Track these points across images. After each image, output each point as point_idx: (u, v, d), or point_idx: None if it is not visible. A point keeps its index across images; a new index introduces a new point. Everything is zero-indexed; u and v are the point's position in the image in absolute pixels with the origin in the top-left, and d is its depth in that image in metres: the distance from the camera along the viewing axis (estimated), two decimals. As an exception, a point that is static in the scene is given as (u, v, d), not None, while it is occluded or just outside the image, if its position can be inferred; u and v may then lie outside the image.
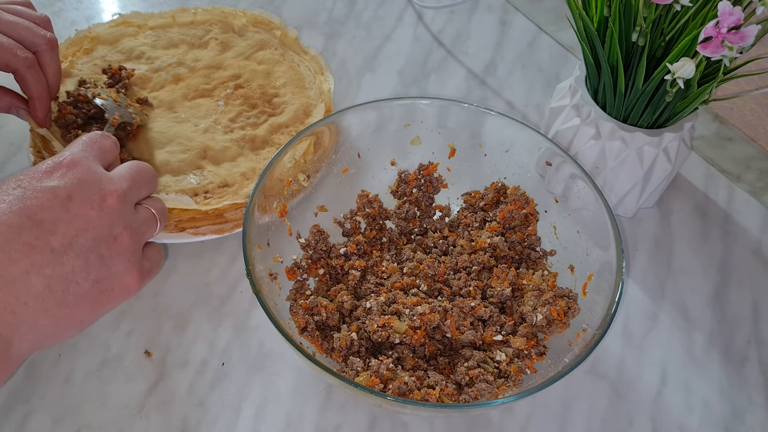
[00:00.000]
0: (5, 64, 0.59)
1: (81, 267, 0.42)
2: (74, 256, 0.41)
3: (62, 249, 0.41)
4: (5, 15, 0.60)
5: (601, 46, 0.60)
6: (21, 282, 0.40)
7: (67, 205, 0.42)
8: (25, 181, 0.42)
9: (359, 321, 0.57)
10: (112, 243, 0.43)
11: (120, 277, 0.44)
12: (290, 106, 0.74)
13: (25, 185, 0.42)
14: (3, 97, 0.64)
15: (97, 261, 0.43)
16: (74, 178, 0.43)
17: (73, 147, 0.46)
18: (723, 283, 0.68)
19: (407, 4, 0.91)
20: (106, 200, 0.43)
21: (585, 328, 0.53)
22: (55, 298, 0.41)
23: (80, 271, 0.42)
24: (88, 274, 0.42)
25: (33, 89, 0.62)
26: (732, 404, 0.60)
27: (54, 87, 0.64)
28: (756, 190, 0.75)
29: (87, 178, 0.43)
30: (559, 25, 0.89)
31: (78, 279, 0.42)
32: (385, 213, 0.65)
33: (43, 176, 0.42)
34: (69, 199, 0.42)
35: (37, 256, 0.40)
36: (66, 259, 0.41)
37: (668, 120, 0.64)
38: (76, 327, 0.43)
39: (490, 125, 0.63)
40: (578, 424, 0.58)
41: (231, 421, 0.56)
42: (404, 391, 0.51)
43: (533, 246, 0.63)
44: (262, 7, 0.88)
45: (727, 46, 0.50)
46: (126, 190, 0.45)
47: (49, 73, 0.63)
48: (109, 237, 0.43)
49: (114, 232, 0.43)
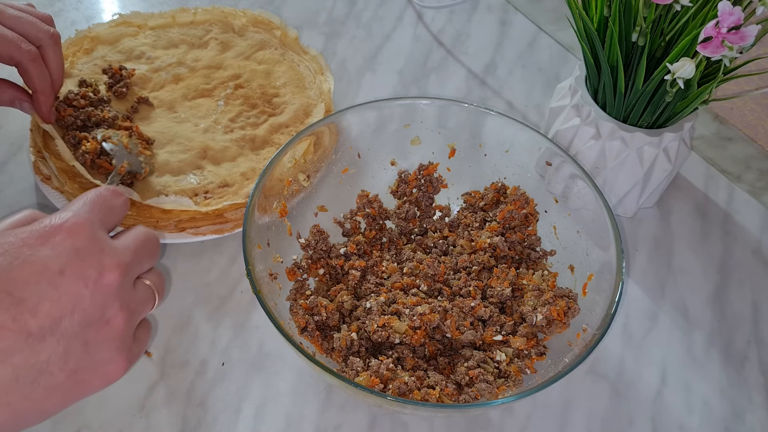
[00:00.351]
0: (9, 57, 0.59)
1: (59, 355, 0.35)
2: (54, 343, 0.35)
3: (41, 334, 0.35)
4: (9, 10, 0.61)
5: (601, 46, 0.60)
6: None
7: (57, 281, 0.35)
8: (15, 246, 0.35)
9: (359, 321, 0.57)
10: (103, 327, 0.37)
11: (103, 366, 0.38)
12: (290, 106, 0.74)
13: (14, 252, 0.35)
14: (7, 90, 0.64)
15: (80, 348, 0.36)
16: (71, 248, 0.36)
17: (79, 205, 0.39)
18: (723, 283, 0.68)
19: (407, 4, 0.91)
20: (104, 276, 0.37)
21: (585, 328, 0.53)
22: (21, 391, 0.35)
23: (57, 360, 0.35)
24: (65, 364, 0.36)
25: (37, 83, 0.62)
26: (732, 404, 0.60)
27: (57, 81, 0.64)
28: (756, 190, 0.75)
29: (87, 248, 0.37)
30: (559, 25, 0.89)
31: (52, 369, 0.36)
32: (385, 213, 0.65)
33: (36, 242, 0.36)
34: (61, 274, 0.35)
35: (9, 341, 0.34)
36: (43, 346, 0.35)
37: (668, 120, 0.64)
38: (39, 418, 0.37)
39: (490, 125, 0.63)
40: (578, 424, 0.58)
41: (231, 421, 0.56)
42: (404, 391, 0.51)
43: (533, 246, 0.63)
44: (262, 7, 0.88)
45: (727, 46, 0.51)
46: (128, 264, 0.39)
47: (52, 68, 0.63)
48: (101, 320, 0.37)
49: (106, 315, 0.37)
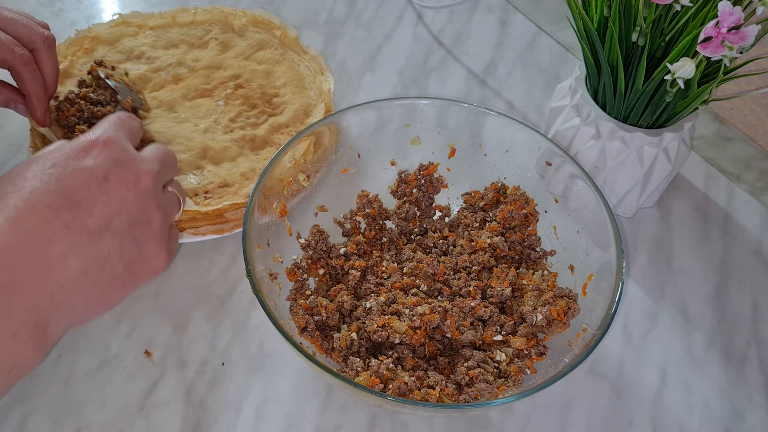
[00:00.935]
0: (1, 60, 0.59)
1: (116, 249, 0.41)
2: (110, 238, 0.41)
3: (99, 231, 0.40)
4: (4, 11, 0.60)
5: (601, 46, 0.60)
6: (59, 264, 0.39)
7: (104, 185, 0.41)
8: (61, 159, 0.41)
9: (359, 321, 0.57)
10: (146, 224, 0.43)
11: (150, 259, 0.44)
12: (290, 106, 0.74)
13: (62, 164, 0.41)
14: (1, 91, 0.64)
15: (131, 243, 0.42)
16: (110, 158, 0.42)
17: (106, 125, 0.44)
18: (723, 283, 0.68)
19: (407, 4, 0.91)
20: (141, 181, 0.42)
21: (585, 328, 0.53)
22: (91, 280, 0.41)
23: (115, 253, 0.41)
24: (122, 256, 0.42)
25: (30, 87, 0.62)
26: (732, 404, 0.60)
27: (51, 85, 0.64)
28: (756, 190, 0.75)
29: (122, 158, 0.42)
30: (559, 25, 0.89)
31: (113, 261, 0.41)
32: (385, 213, 0.65)
33: (79, 155, 0.41)
34: (105, 180, 0.41)
35: (75, 237, 0.39)
36: (102, 241, 0.41)
37: (668, 120, 0.64)
38: (106, 308, 0.43)
39: (490, 125, 0.63)
40: (578, 424, 0.58)
41: (231, 421, 0.56)
42: (404, 391, 0.51)
43: (533, 246, 0.63)
44: (262, 7, 0.88)
45: (727, 46, 0.51)
46: (158, 171, 0.44)
47: (46, 72, 0.63)
48: (143, 219, 0.43)
49: (147, 214, 0.43)
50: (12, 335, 0.37)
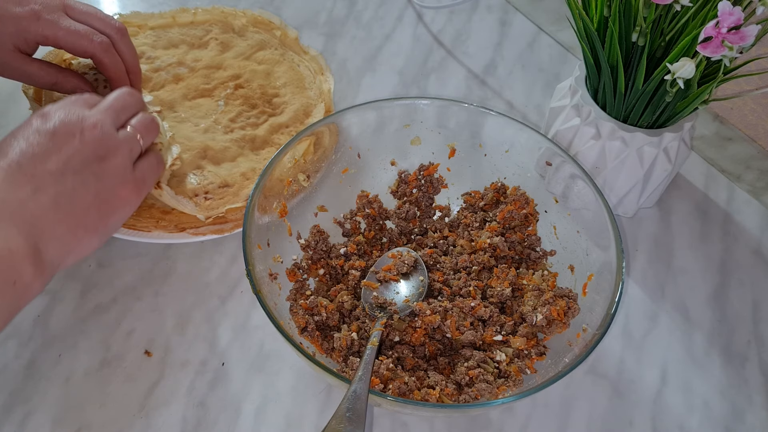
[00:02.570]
0: (83, 49, 0.62)
1: (79, 183, 0.49)
2: (71, 175, 0.49)
3: (59, 171, 0.48)
4: (79, 4, 0.64)
5: (601, 46, 0.60)
6: (30, 201, 0.47)
7: (54, 139, 0.49)
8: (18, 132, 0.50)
9: (359, 321, 0.57)
10: (101, 161, 0.50)
11: (116, 189, 0.51)
12: (290, 106, 0.74)
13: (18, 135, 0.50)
14: (70, 79, 0.65)
15: (92, 177, 0.50)
16: (57, 119, 0.50)
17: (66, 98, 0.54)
18: (723, 283, 0.68)
19: (407, 4, 0.91)
20: (84, 130, 0.50)
21: (585, 328, 0.53)
22: (64, 210, 0.48)
23: (79, 186, 0.49)
24: (87, 189, 0.49)
25: (112, 71, 0.64)
26: (732, 404, 0.60)
27: (134, 70, 0.67)
28: (756, 190, 0.75)
29: (68, 115, 0.51)
30: (559, 25, 0.89)
31: (79, 192, 0.49)
32: (385, 213, 0.65)
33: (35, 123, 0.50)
34: (54, 134, 0.50)
35: (39, 180, 0.48)
36: (64, 179, 0.48)
37: (668, 120, 0.64)
38: (94, 235, 0.50)
39: (490, 125, 0.63)
40: (578, 424, 0.58)
41: (231, 421, 0.56)
42: (404, 391, 0.51)
43: (533, 246, 0.63)
44: (262, 7, 0.88)
45: (727, 46, 0.51)
46: (100, 119, 0.52)
47: (126, 58, 0.65)
48: (96, 158, 0.50)
49: (99, 153, 0.50)
50: (9, 251, 0.45)
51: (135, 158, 0.54)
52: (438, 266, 0.62)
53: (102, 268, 0.64)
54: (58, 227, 0.48)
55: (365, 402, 0.46)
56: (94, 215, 0.50)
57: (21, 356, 0.58)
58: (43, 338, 0.59)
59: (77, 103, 0.54)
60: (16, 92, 0.75)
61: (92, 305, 0.62)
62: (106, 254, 0.65)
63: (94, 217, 0.50)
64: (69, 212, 0.49)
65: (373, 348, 0.52)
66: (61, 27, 0.61)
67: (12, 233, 0.45)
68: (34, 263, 0.46)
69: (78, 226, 0.49)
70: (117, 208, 0.52)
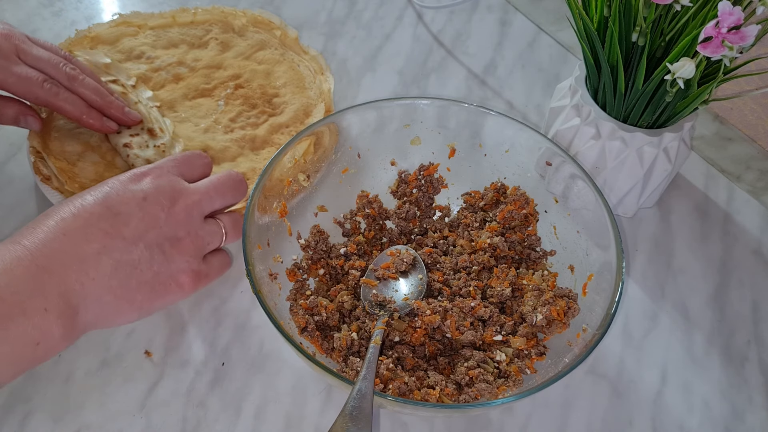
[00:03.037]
0: (35, 97, 0.62)
1: (146, 258, 0.48)
2: (142, 248, 0.48)
3: (132, 240, 0.47)
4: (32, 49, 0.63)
5: (601, 46, 0.60)
6: (92, 260, 0.46)
7: (142, 204, 0.48)
8: (115, 182, 0.49)
9: (359, 321, 0.57)
10: (175, 243, 0.49)
11: (177, 275, 0.50)
12: (290, 106, 0.74)
13: (112, 185, 0.49)
14: (12, 106, 0.64)
15: (160, 256, 0.49)
16: (153, 185, 0.49)
17: (164, 160, 0.53)
18: (723, 283, 0.68)
19: (407, 4, 0.91)
20: (175, 206, 0.49)
21: (585, 328, 0.53)
22: (120, 280, 0.47)
23: (144, 261, 0.48)
24: (150, 266, 0.48)
25: (72, 113, 0.64)
26: (732, 404, 0.60)
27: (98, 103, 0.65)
28: (756, 190, 0.75)
29: (163, 186, 0.50)
30: (559, 25, 0.89)
31: (142, 267, 0.48)
32: (385, 213, 0.65)
33: (129, 180, 0.50)
34: (144, 200, 0.48)
35: (110, 241, 0.46)
36: (134, 249, 0.47)
37: (668, 120, 0.64)
38: (135, 312, 0.49)
39: (490, 125, 0.63)
40: (578, 424, 0.58)
41: (231, 421, 0.56)
42: (404, 391, 0.51)
43: (533, 246, 0.63)
44: (262, 7, 0.88)
45: (727, 46, 0.50)
46: (195, 201, 0.51)
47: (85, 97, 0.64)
48: (173, 238, 0.49)
49: (178, 235, 0.49)
50: (44, 311, 0.43)
51: (208, 251, 0.53)
52: (438, 266, 0.62)
53: (102, 268, 0.64)
54: (106, 294, 0.46)
55: (371, 401, 0.46)
56: (146, 293, 0.48)
57: (21, 356, 0.58)
58: (43, 338, 0.59)
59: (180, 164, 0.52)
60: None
61: (92, 305, 0.62)
62: (106, 254, 0.65)
63: (144, 296, 0.48)
64: (123, 283, 0.47)
65: (376, 347, 0.52)
66: (12, 72, 0.60)
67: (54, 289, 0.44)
68: (65, 326, 0.44)
69: (125, 299, 0.47)
70: (169, 292, 0.50)
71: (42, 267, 0.44)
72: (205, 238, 0.51)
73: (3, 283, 0.42)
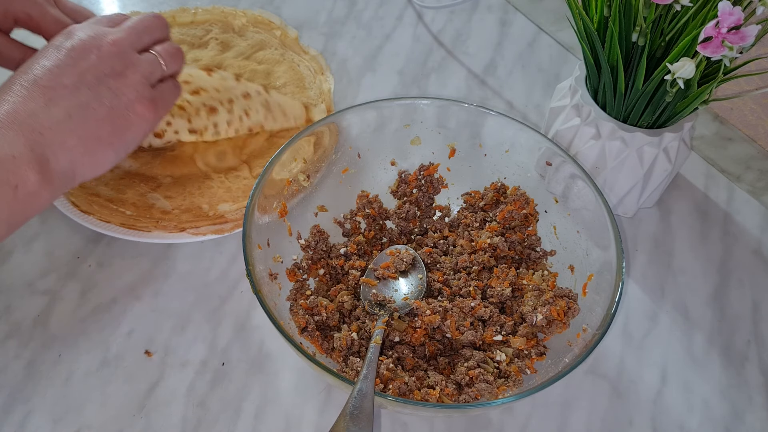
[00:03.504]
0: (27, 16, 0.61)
1: (93, 96, 0.51)
2: (86, 89, 0.51)
3: (74, 85, 0.51)
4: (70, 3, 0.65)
5: (601, 46, 0.60)
6: (42, 112, 0.49)
7: (71, 53, 0.52)
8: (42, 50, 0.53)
9: (359, 321, 0.57)
10: (117, 77, 0.53)
11: (131, 105, 0.53)
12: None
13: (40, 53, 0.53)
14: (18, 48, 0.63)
15: (107, 92, 0.52)
16: (77, 38, 0.53)
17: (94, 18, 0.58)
18: (723, 283, 0.68)
19: (407, 4, 0.91)
20: (102, 47, 0.53)
21: (585, 328, 0.53)
22: (76, 122, 0.51)
23: (93, 99, 0.51)
24: (101, 102, 0.52)
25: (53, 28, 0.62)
26: (732, 404, 0.60)
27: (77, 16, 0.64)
28: (756, 190, 0.75)
29: (88, 33, 0.54)
30: (559, 25, 0.89)
31: (93, 105, 0.51)
32: (385, 213, 0.65)
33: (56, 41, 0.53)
34: (72, 49, 0.52)
35: (53, 92, 0.50)
36: (78, 92, 0.51)
37: (668, 120, 0.64)
38: (109, 149, 0.53)
39: (490, 125, 0.63)
40: (578, 424, 0.58)
41: (231, 421, 0.56)
42: (404, 391, 0.51)
43: (533, 246, 0.63)
44: (262, 7, 0.88)
45: (727, 46, 0.50)
46: (122, 37, 0.54)
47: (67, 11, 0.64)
48: (113, 73, 0.53)
49: (116, 69, 0.53)
50: (12, 157, 0.47)
51: (155, 81, 0.56)
52: (438, 266, 0.62)
53: (102, 268, 0.64)
54: (69, 138, 0.50)
55: (372, 400, 0.46)
56: (108, 128, 0.52)
57: (21, 356, 0.58)
58: (43, 338, 0.59)
59: (101, 22, 0.56)
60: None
61: (92, 305, 0.62)
62: (106, 254, 0.65)
63: (108, 131, 0.52)
64: (81, 124, 0.51)
65: (376, 346, 0.52)
66: (48, 12, 0.61)
67: (17, 141, 0.48)
68: (40, 171, 0.48)
69: (90, 138, 0.51)
70: (132, 123, 0.54)
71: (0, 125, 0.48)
72: (144, 66, 0.55)
73: None
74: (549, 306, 0.56)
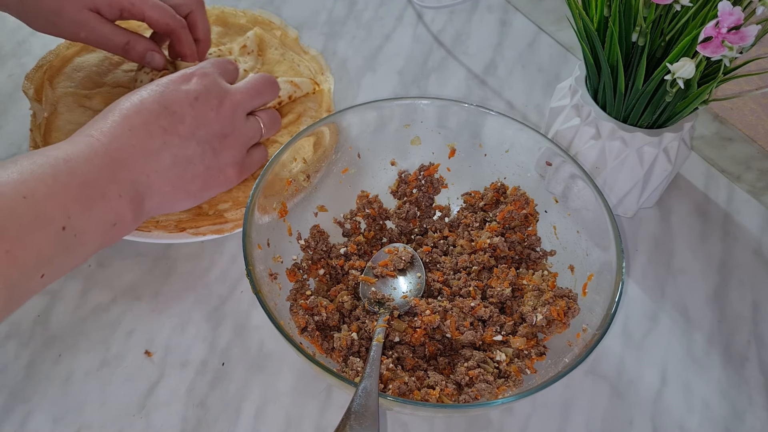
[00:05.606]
0: (165, 25, 0.66)
1: (198, 153, 0.54)
2: (195, 144, 0.54)
3: (187, 137, 0.53)
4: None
5: (601, 46, 0.60)
6: (155, 155, 0.52)
7: (194, 104, 0.54)
8: (166, 82, 0.54)
9: (359, 321, 0.57)
10: (223, 140, 0.55)
11: (225, 168, 0.56)
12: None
13: (166, 85, 0.54)
14: (141, 42, 0.67)
15: (211, 152, 0.55)
16: (202, 85, 0.55)
17: (203, 64, 0.58)
18: (723, 283, 0.68)
19: (407, 4, 0.91)
20: (222, 105, 0.55)
21: (585, 328, 0.53)
22: (177, 173, 0.53)
23: (197, 156, 0.54)
24: (202, 160, 0.54)
25: (186, 48, 0.68)
26: (732, 404, 0.60)
27: (206, 43, 0.70)
28: (756, 190, 0.75)
29: (212, 87, 0.55)
30: (559, 25, 0.89)
31: (195, 161, 0.54)
32: (385, 213, 0.65)
33: (180, 80, 0.55)
34: (196, 100, 0.54)
35: (169, 137, 0.52)
36: (189, 144, 0.53)
37: (668, 120, 0.64)
38: (189, 199, 0.55)
39: (490, 125, 0.63)
40: (578, 424, 0.58)
41: (231, 421, 0.56)
42: (404, 391, 0.51)
43: (533, 246, 0.63)
44: (262, 7, 0.88)
45: (727, 46, 0.50)
46: (239, 100, 0.57)
47: (199, 31, 0.69)
48: (221, 135, 0.55)
49: (225, 132, 0.55)
50: (118, 196, 0.49)
51: (250, 146, 0.59)
52: (438, 266, 0.62)
53: (102, 268, 0.64)
54: (166, 185, 0.53)
55: (376, 399, 0.46)
56: (198, 184, 0.55)
57: (21, 356, 0.58)
58: (43, 338, 0.59)
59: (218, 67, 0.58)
60: (16, 92, 0.75)
61: (92, 305, 0.62)
62: (106, 254, 0.65)
63: (197, 186, 0.55)
64: (180, 175, 0.53)
65: (379, 345, 0.52)
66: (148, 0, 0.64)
67: (126, 181, 0.50)
68: (134, 210, 0.51)
69: (181, 189, 0.54)
70: (219, 183, 0.57)
71: (116, 159, 0.50)
72: (247, 134, 0.57)
73: (86, 170, 0.48)
74: (549, 306, 0.56)
